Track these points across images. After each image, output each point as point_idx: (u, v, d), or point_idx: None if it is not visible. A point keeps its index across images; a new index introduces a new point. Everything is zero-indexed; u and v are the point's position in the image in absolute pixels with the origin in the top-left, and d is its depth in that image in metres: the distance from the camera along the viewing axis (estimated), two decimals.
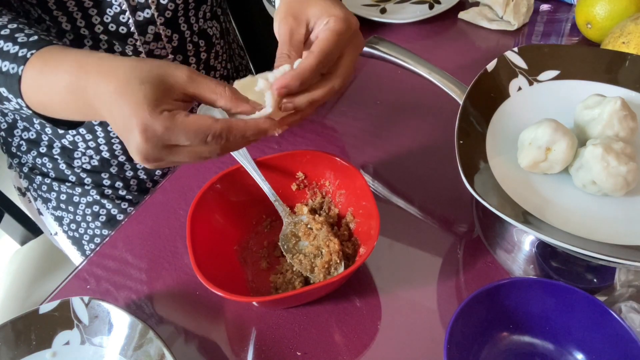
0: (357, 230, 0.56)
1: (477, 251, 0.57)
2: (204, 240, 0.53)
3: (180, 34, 0.69)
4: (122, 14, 0.63)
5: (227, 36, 0.81)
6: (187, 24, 0.70)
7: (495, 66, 0.59)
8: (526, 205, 0.49)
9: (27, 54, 0.46)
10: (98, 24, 0.63)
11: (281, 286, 0.53)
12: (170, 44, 0.69)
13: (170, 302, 0.56)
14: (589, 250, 0.43)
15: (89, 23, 0.63)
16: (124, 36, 0.65)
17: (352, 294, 0.54)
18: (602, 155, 0.48)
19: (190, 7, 0.69)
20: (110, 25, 0.64)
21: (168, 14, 0.67)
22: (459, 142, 0.51)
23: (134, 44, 0.66)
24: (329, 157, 0.58)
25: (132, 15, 0.64)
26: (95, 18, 0.63)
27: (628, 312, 0.47)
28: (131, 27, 0.65)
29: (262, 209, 0.60)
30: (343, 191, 0.59)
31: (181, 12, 0.68)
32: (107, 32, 0.64)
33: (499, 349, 0.48)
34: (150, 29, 0.66)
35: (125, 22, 0.64)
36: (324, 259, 0.53)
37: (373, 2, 0.93)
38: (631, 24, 0.68)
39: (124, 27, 0.64)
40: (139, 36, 0.66)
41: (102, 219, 0.79)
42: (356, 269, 0.48)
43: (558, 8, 0.89)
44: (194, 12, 0.70)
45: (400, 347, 0.50)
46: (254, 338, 0.52)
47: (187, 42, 0.71)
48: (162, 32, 0.67)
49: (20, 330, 0.51)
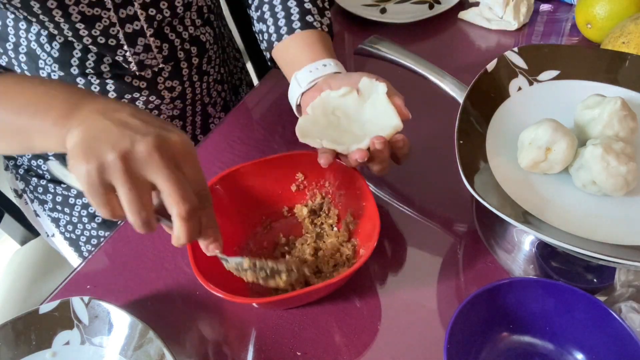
0: (357, 231, 0.56)
1: (477, 251, 0.57)
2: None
3: (170, 43, 0.69)
4: (111, 26, 0.63)
5: (221, 41, 0.81)
6: (174, 33, 0.69)
7: (495, 66, 0.59)
8: (526, 205, 0.49)
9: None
10: (86, 36, 0.62)
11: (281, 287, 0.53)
12: (161, 53, 0.68)
13: (170, 302, 0.56)
14: (589, 250, 0.43)
15: (77, 35, 0.62)
16: (114, 47, 0.65)
17: (352, 295, 0.54)
18: (602, 155, 0.48)
19: (178, 16, 0.69)
20: (99, 38, 0.63)
21: (156, 24, 0.66)
22: (459, 142, 0.51)
23: (124, 54, 0.66)
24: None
25: (122, 28, 0.63)
26: (82, 31, 0.62)
27: (628, 312, 0.47)
28: (121, 40, 0.64)
29: (262, 210, 0.60)
30: (343, 192, 0.58)
31: (167, 23, 0.68)
32: (95, 44, 0.63)
33: (499, 349, 0.48)
34: (139, 41, 0.66)
35: (115, 35, 0.63)
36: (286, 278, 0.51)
37: (373, 2, 0.93)
38: (631, 24, 0.68)
39: (113, 40, 0.64)
40: (128, 47, 0.65)
41: (98, 220, 0.79)
42: (356, 270, 0.48)
43: (558, 8, 0.89)
44: (180, 20, 0.69)
45: (400, 347, 0.50)
46: (254, 338, 0.52)
47: (178, 50, 0.70)
48: (152, 43, 0.67)
49: (20, 330, 0.51)
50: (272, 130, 0.73)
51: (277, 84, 0.81)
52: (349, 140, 0.54)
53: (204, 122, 0.81)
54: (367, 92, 0.57)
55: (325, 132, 0.55)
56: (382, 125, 0.54)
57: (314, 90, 0.59)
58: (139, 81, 0.69)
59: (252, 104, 0.79)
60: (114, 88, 0.68)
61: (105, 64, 0.66)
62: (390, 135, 0.53)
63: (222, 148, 0.71)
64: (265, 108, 0.77)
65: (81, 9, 0.59)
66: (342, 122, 0.56)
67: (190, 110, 0.78)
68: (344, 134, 0.55)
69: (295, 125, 0.56)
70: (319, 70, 0.59)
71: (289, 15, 0.65)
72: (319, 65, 0.60)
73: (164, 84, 0.71)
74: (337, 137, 0.55)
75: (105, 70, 0.66)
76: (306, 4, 0.65)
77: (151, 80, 0.70)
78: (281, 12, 0.65)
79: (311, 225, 0.59)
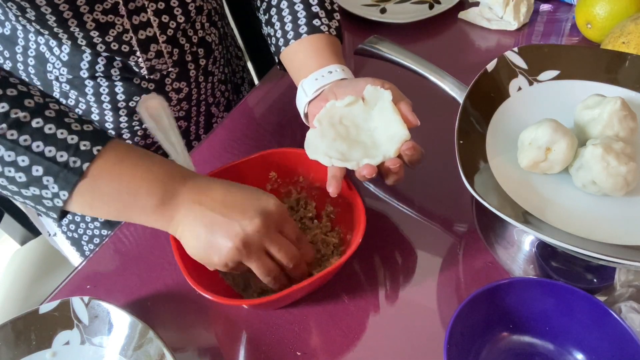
0: (340, 219, 0.57)
1: (477, 251, 0.57)
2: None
3: (180, 47, 0.69)
4: (124, 33, 0.63)
5: (225, 40, 0.81)
6: (185, 37, 0.69)
7: (495, 66, 0.59)
8: (526, 205, 0.48)
9: (91, 149, 0.46)
10: (100, 44, 0.62)
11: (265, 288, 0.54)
12: (171, 58, 0.68)
13: (170, 302, 0.56)
14: (589, 250, 0.43)
15: (90, 43, 0.62)
16: (127, 54, 0.65)
17: (352, 295, 0.54)
18: (602, 155, 0.48)
19: (190, 20, 0.69)
20: (112, 44, 0.63)
21: (170, 32, 0.66)
22: (459, 142, 0.51)
23: (136, 60, 0.66)
24: (298, 152, 0.58)
25: (135, 34, 0.63)
26: (96, 39, 0.62)
27: (628, 312, 0.47)
28: (134, 46, 0.64)
29: None
30: (318, 184, 0.59)
31: (181, 28, 0.68)
32: (109, 50, 0.63)
33: (499, 349, 0.48)
34: (152, 47, 0.66)
35: (128, 41, 0.63)
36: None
37: (373, 2, 0.93)
38: (631, 24, 0.68)
39: (126, 46, 0.64)
40: (141, 54, 0.65)
41: (101, 219, 0.79)
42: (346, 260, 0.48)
43: (558, 8, 0.89)
44: (192, 24, 0.69)
45: (401, 347, 0.50)
46: (254, 338, 0.52)
47: (187, 54, 0.71)
48: (164, 49, 0.67)
49: (20, 330, 0.51)
50: (274, 128, 0.74)
51: (278, 83, 0.81)
52: (359, 152, 0.54)
53: (207, 121, 0.81)
54: (373, 99, 0.56)
55: (334, 145, 0.54)
56: (391, 133, 0.54)
57: (319, 100, 0.58)
58: (148, 83, 0.69)
59: (253, 103, 0.79)
60: (122, 90, 0.68)
61: (115, 68, 0.66)
62: (399, 149, 0.53)
63: (225, 146, 0.72)
64: (266, 106, 0.77)
65: (95, 16, 0.59)
66: (351, 132, 0.56)
67: (195, 111, 0.78)
68: (353, 144, 0.55)
69: (297, 122, 0.56)
70: (325, 77, 0.59)
71: (296, 19, 0.64)
72: (325, 72, 0.59)
73: (171, 86, 0.71)
74: (347, 148, 0.54)
75: (114, 73, 0.66)
76: (314, 7, 0.64)
77: (159, 82, 0.70)
78: (288, 16, 0.65)
79: None
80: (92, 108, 0.69)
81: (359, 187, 0.56)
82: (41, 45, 0.64)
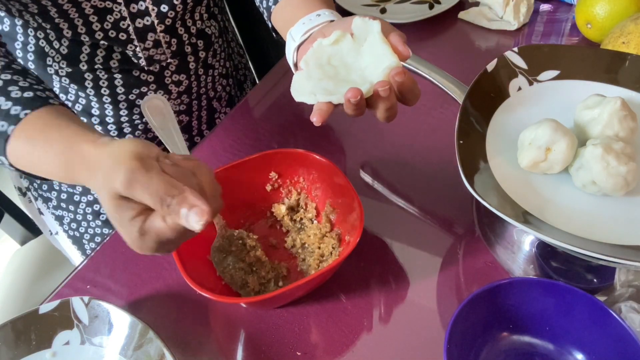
0: (339, 220, 0.57)
1: (477, 251, 0.57)
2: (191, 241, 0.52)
3: (178, 37, 0.69)
4: (122, 20, 0.63)
5: (225, 34, 0.81)
6: (184, 28, 0.69)
7: (495, 66, 0.59)
8: (526, 205, 0.48)
9: (20, 114, 0.46)
10: (98, 31, 0.63)
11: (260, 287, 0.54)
12: (170, 48, 0.69)
13: (170, 302, 0.56)
14: (589, 250, 0.43)
15: (89, 30, 0.63)
16: (124, 42, 0.65)
17: (353, 295, 0.54)
18: (602, 155, 0.48)
19: (188, 10, 0.69)
20: (110, 32, 0.64)
21: (168, 21, 0.66)
22: (459, 142, 0.51)
23: (134, 50, 0.66)
24: (299, 153, 0.58)
25: (132, 22, 0.64)
26: (95, 25, 0.62)
27: (628, 312, 0.47)
28: (131, 34, 0.65)
29: (240, 214, 0.60)
30: (318, 185, 0.59)
31: (179, 18, 0.68)
32: (107, 38, 0.64)
33: (499, 349, 0.48)
34: (150, 36, 0.66)
35: (125, 29, 0.64)
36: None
37: (373, 2, 0.93)
38: (631, 24, 0.68)
39: (123, 34, 0.64)
40: (138, 42, 0.66)
41: (102, 217, 0.79)
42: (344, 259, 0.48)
43: (558, 8, 0.89)
44: (190, 14, 0.70)
45: (400, 347, 0.50)
46: (254, 338, 0.52)
47: (186, 45, 0.71)
48: (161, 39, 0.67)
49: (20, 330, 0.51)
50: (275, 128, 0.74)
51: (279, 83, 0.81)
52: (346, 88, 0.47)
53: (209, 116, 0.82)
54: (362, 34, 0.50)
55: (320, 85, 0.48)
56: (383, 68, 0.47)
57: (308, 42, 0.54)
58: (147, 75, 0.69)
59: (254, 103, 0.79)
60: (122, 83, 0.68)
61: (114, 60, 0.66)
62: (386, 76, 0.46)
63: (225, 146, 0.72)
64: (267, 106, 0.78)
65: (93, 3, 0.60)
66: (340, 72, 0.50)
67: (196, 105, 0.78)
68: (342, 83, 0.49)
69: (298, 122, 0.56)
70: (312, 20, 0.55)
71: None
72: (312, 16, 0.55)
73: (171, 78, 0.71)
74: (334, 88, 0.48)
75: (113, 65, 0.67)
76: None
77: (159, 74, 0.70)
78: None
79: (291, 222, 0.60)
80: (92, 102, 0.69)
81: (359, 187, 0.56)
82: (40, 39, 0.64)
